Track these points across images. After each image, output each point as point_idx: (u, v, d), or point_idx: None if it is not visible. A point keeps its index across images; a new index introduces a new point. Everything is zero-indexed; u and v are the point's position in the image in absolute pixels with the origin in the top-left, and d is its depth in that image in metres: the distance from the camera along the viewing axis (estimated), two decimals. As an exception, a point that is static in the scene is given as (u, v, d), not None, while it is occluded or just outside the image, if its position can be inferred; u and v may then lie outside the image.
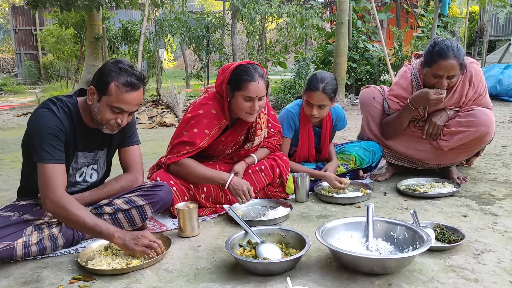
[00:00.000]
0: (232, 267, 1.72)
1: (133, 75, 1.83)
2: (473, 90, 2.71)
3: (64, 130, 1.84)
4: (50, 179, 1.77)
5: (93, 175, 2.08)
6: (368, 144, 2.96)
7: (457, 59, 2.49)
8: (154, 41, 7.77)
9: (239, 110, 2.28)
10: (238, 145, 2.50)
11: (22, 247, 1.77)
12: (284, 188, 2.63)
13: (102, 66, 1.87)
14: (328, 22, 11.64)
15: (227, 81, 2.26)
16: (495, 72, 7.36)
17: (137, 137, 2.15)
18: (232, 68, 2.26)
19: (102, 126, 1.89)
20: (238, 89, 2.22)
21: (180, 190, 2.27)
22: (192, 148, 2.28)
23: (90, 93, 1.85)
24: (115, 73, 1.80)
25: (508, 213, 2.23)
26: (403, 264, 1.61)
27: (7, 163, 3.98)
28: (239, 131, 2.43)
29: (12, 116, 7.65)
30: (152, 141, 4.95)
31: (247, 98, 2.21)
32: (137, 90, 1.84)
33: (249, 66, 2.24)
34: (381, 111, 2.96)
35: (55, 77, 15.74)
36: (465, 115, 2.66)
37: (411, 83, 2.78)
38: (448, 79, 2.55)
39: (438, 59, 2.50)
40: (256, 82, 2.20)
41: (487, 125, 2.58)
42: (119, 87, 1.79)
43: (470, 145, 2.71)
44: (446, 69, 2.50)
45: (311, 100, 2.60)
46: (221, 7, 10.82)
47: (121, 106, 1.82)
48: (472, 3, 11.37)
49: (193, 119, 2.31)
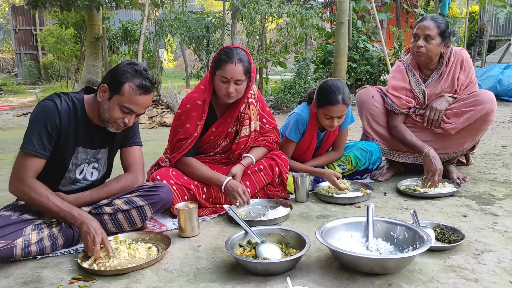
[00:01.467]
0: (232, 267, 1.72)
1: (147, 79, 1.88)
2: (465, 74, 2.83)
3: (60, 127, 1.86)
4: (23, 168, 1.82)
5: (94, 173, 2.09)
6: (366, 144, 2.96)
7: (434, 21, 2.71)
8: (154, 41, 7.77)
9: (218, 91, 2.33)
10: (230, 136, 2.53)
11: (21, 246, 1.77)
12: (284, 187, 2.62)
13: (117, 66, 1.91)
14: (328, 22, 11.64)
15: (213, 61, 2.33)
16: (495, 72, 7.35)
17: (139, 138, 2.17)
18: (219, 50, 2.33)
19: (109, 124, 1.92)
20: (217, 69, 2.28)
21: (180, 190, 2.28)
22: (187, 140, 2.35)
23: (101, 90, 1.89)
24: (130, 75, 1.85)
25: (508, 213, 2.23)
26: (403, 264, 1.61)
27: (7, 163, 3.98)
28: (229, 121, 2.47)
29: (12, 116, 7.66)
30: (152, 141, 4.95)
31: (224, 79, 2.26)
32: (149, 93, 1.90)
33: (232, 49, 2.30)
34: (382, 109, 2.96)
35: (55, 77, 15.74)
36: (469, 97, 2.75)
37: (406, 73, 2.91)
38: (425, 41, 2.72)
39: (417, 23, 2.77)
40: (233, 64, 2.24)
41: (491, 102, 2.68)
42: (133, 89, 1.85)
43: (475, 125, 2.73)
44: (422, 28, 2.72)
45: (332, 114, 2.58)
46: (221, 7, 10.81)
47: (132, 107, 1.87)
48: (472, 3, 11.37)
49: (183, 114, 2.39)
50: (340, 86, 2.57)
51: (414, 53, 2.81)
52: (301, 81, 7.51)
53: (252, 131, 2.53)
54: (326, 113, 2.60)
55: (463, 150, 2.90)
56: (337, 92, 2.54)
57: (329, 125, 2.65)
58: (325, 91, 2.59)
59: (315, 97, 2.67)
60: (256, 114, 2.56)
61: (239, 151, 2.54)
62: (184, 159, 2.39)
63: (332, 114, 2.59)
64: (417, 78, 2.86)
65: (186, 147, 2.37)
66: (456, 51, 2.83)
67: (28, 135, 1.83)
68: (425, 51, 2.73)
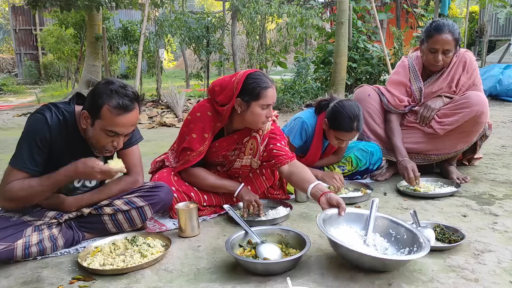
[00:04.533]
0: (232, 267, 1.72)
1: (126, 96, 1.76)
2: (467, 76, 2.80)
3: (50, 141, 1.82)
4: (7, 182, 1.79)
5: (92, 180, 2.06)
6: (366, 144, 2.96)
7: (452, 34, 2.64)
8: (154, 41, 7.77)
9: (255, 122, 2.20)
10: (227, 159, 2.42)
11: (22, 248, 1.77)
12: (284, 190, 2.64)
13: (94, 88, 1.82)
14: (328, 22, 11.62)
15: (238, 93, 2.14)
16: (495, 72, 7.35)
17: (136, 135, 2.11)
18: (241, 80, 2.14)
19: (96, 149, 1.88)
20: (256, 99, 2.12)
21: (181, 198, 2.26)
22: (192, 153, 2.27)
23: (83, 117, 1.81)
24: (106, 96, 1.74)
25: (508, 213, 2.23)
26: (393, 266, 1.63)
27: (7, 163, 3.97)
28: (236, 137, 2.35)
29: (12, 116, 7.66)
30: (152, 141, 4.95)
31: (265, 106, 2.15)
32: (130, 112, 1.78)
33: (260, 75, 2.17)
34: (378, 108, 2.97)
35: (55, 77, 15.75)
36: (459, 99, 2.74)
37: (408, 70, 2.92)
38: (443, 54, 2.69)
39: (434, 33, 2.67)
40: (271, 88, 2.15)
41: (481, 105, 2.64)
42: (111, 111, 1.74)
43: (466, 127, 2.72)
44: (442, 42, 2.65)
45: (344, 138, 2.61)
46: (221, 7, 10.83)
47: (115, 130, 1.78)
48: (472, 3, 11.37)
49: (191, 122, 2.29)
50: (356, 113, 2.53)
51: (431, 65, 2.78)
52: (301, 81, 7.51)
53: (242, 166, 2.41)
54: (338, 136, 2.61)
55: (457, 152, 2.88)
56: (353, 119, 2.52)
57: (338, 145, 2.69)
58: (341, 117, 2.54)
59: (328, 117, 2.62)
60: (255, 150, 2.37)
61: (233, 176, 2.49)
62: (189, 170, 2.32)
63: (344, 138, 2.62)
64: (417, 75, 2.88)
65: (190, 161, 2.28)
66: (461, 52, 2.81)
67: (18, 150, 1.80)
68: (443, 64, 2.74)
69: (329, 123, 2.62)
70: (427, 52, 2.75)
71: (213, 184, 2.33)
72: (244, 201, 2.26)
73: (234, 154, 2.40)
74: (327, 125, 2.64)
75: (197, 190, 2.34)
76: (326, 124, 2.64)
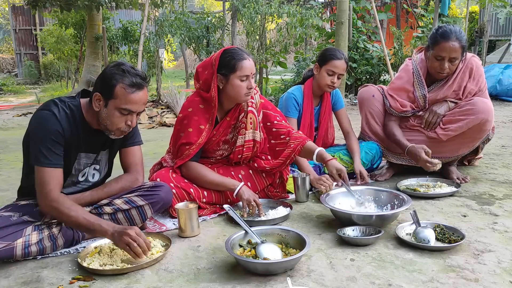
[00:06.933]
0: (232, 267, 1.72)
1: (137, 75, 1.86)
2: (473, 83, 2.74)
3: (63, 134, 1.84)
4: (45, 183, 1.79)
5: (95, 175, 2.08)
6: (369, 146, 2.95)
7: (459, 41, 2.57)
8: (154, 41, 7.77)
9: (237, 94, 2.27)
10: (228, 144, 2.46)
11: (22, 247, 1.77)
12: (284, 187, 2.63)
13: (104, 71, 1.87)
14: (328, 22, 11.62)
15: (217, 69, 2.25)
16: (495, 72, 7.35)
17: (139, 137, 2.16)
18: (218, 56, 2.25)
19: (111, 132, 1.90)
20: (233, 71, 2.22)
21: (180, 194, 2.26)
22: (191, 146, 2.29)
23: (95, 99, 1.86)
24: (119, 76, 1.82)
25: (508, 213, 2.23)
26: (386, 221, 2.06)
27: (7, 163, 3.98)
28: (228, 119, 2.40)
29: (12, 116, 7.66)
30: (152, 141, 4.95)
31: (243, 77, 2.23)
32: (142, 89, 1.87)
33: (235, 49, 2.28)
34: (381, 109, 2.96)
35: (55, 77, 15.75)
36: (464, 105, 2.69)
37: (412, 75, 2.84)
38: (450, 62, 2.62)
39: (441, 40, 2.57)
40: (247, 60, 2.24)
41: (486, 113, 2.60)
42: (126, 89, 1.82)
43: (470, 134, 2.69)
44: (448, 50, 2.56)
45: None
46: (221, 7, 10.81)
47: (130, 107, 1.84)
48: (472, 3, 11.36)
49: (185, 119, 2.33)
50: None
51: (436, 73, 2.70)
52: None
53: (246, 141, 2.44)
54: (330, 69, 2.75)
55: (458, 156, 2.87)
56: (339, 51, 2.79)
57: (330, 83, 2.78)
58: (328, 50, 2.79)
59: (317, 59, 2.84)
60: (255, 124, 2.45)
61: (236, 161, 2.51)
62: (189, 165, 2.32)
63: (335, 70, 2.75)
64: (422, 81, 2.80)
65: (190, 154, 2.30)
66: (467, 58, 2.72)
67: (38, 150, 1.80)
68: (449, 71, 2.67)
69: (319, 63, 2.81)
70: (432, 59, 2.65)
71: (213, 181, 2.32)
72: (243, 200, 2.25)
73: (234, 135, 2.45)
74: (318, 67, 2.82)
75: (197, 187, 2.34)
76: (317, 68, 2.82)
